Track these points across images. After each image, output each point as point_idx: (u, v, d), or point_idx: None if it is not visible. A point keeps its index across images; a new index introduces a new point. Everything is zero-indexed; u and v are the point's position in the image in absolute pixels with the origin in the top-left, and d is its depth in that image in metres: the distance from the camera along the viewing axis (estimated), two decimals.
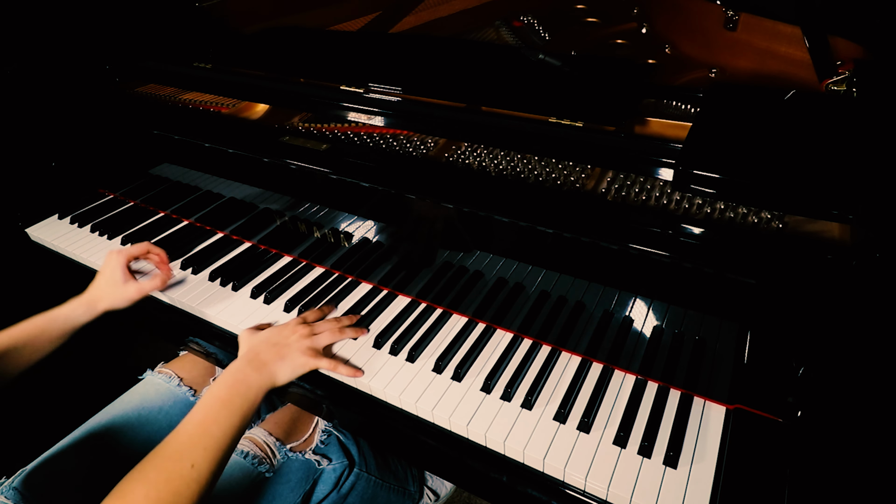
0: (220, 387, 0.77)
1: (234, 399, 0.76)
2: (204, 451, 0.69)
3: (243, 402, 0.76)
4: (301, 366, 0.84)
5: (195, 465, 0.68)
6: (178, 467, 0.67)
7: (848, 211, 0.61)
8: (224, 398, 0.76)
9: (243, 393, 0.77)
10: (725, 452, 0.73)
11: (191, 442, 0.70)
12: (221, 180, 1.13)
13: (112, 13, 1.41)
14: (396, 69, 1.06)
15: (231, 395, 0.76)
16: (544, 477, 0.75)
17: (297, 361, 0.83)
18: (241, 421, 0.75)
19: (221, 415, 0.74)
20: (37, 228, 1.29)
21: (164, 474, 0.66)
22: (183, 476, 0.66)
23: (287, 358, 0.83)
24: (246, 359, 0.82)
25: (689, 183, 0.68)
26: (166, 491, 0.65)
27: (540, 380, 0.84)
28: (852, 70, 0.80)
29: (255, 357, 0.82)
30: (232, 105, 1.16)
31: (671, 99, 0.91)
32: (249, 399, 0.77)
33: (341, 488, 0.97)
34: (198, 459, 0.68)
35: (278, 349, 0.84)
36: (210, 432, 0.72)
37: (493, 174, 0.87)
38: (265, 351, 0.83)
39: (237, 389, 0.77)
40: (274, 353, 0.83)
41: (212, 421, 0.73)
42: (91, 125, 1.26)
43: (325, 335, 0.88)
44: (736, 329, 0.74)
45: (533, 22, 1.13)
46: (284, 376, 0.82)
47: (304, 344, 0.85)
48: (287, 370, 0.83)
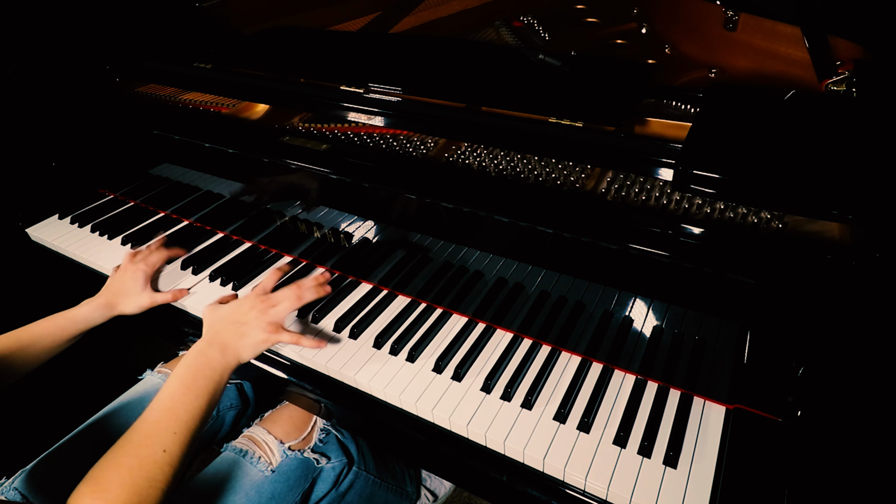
0: (185, 370, 0.78)
1: (199, 381, 0.76)
2: (174, 435, 0.70)
3: (208, 384, 0.77)
4: (263, 342, 0.84)
5: (167, 449, 0.69)
6: (150, 452, 0.68)
7: (847, 211, 0.61)
8: (189, 381, 0.76)
9: (208, 375, 0.78)
10: (725, 452, 0.74)
11: (160, 427, 0.71)
12: (222, 180, 1.14)
13: (112, 13, 1.41)
14: (396, 69, 1.06)
15: (195, 377, 0.77)
16: (544, 477, 0.75)
17: (258, 338, 0.83)
18: (208, 402, 0.76)
19: (188, 398, 0.74)
20: (37, 228, 1.29)
21: (137, 460, 0.67)
22: (156, 461, 0.68)
23: (248, 336, 0.83)
24: (207, 340, 0.82)
25: (689, 183, 0.68)
26: (140, 476, 0.66)
27: (540, 380, 0.84)
28: (852, 70, 0.80)
29: (216, 337, 0.82)
30: (232, 105, 1.16)
31: (671, 99, 0.91)
32: (214, 380, 0.78)
33: (340, 486, 0.97)
34: (168, 444, 0.69)
35: (238, 327, 0.83)
36: (178, 416, 0.72)
37: (493, 174, 0.87)
38: (225, 330, 0.83)
39: (202, 372, 0.78)
40: (234, 331, 0.83)
41: (179, 404, 0.73)
42: (91, 125, 1.26)
43: (284, 304, 0.86)
44: (736, 329, 0.74)
45: (533, 22, 1.13)
46: (247, 354, 0.83)
47: (263, 319, 0.84)
48: (249, 349, 0.83)
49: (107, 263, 1.17)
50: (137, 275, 1.03)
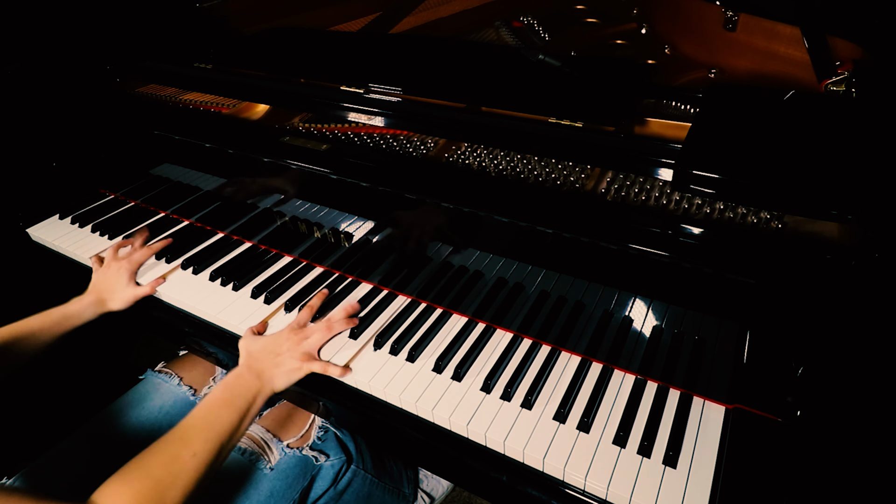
0: (223, 388, 0.82)
1: (235, 400, 0.80)
2: (205, 443, 0.73)
3: (243, 403, 0.80)
4: (295, 371, 0.87)
5: (196, 453, 0.72)
6: (180, 452, 0.71)
7: (847, 211, 0.61)
8: (226, 398, 0.80)
9: (243, 395, 0.81)
10: (725, 452, 0.74)
11: (193, 433, 0.74)
12: (222, 180, 1.14)
13: (113, 13, 1.42)
14: (396, 70, 1.06)
15: (232, 395, 0.81)
16: (544, 476, 0.76)
17: (291, 367, 0.87)
18: (240, 420, 0.79)
19: (223, 412, 0.78)
20: (38, 228, 1.29)
21: (167, 457, 0.70)
22: (182, 461, 0.70)
23: (282, 366, 0.87)
24: (245, 365, 0.87)
25: (689, 183, 0.68)
26: (166, 472, 0.69)
27: (540, 379, 0.84)
28: (851, 70, 0.80)
29: (254, 363, 0.87)
30: (232, 105, 1.16)
31: (671, 99, 0.91)
32: (249, 401, 0.81)
33: (338, 485, 0.98)
34: (198, 449, 0.72)
35: (273, 357, 0.88)
36: (212, 426, 0.76)
37: (493, 174, 0.87)
38: (262, 359, 0.87)
39: (238, 391, 0.82)
40: (270, 361, 0.87)
41: (214, 417, 0.77)
42: (92, 125, 1.26)
43: (316, 336, 0.91)
44: (735, 329, 0.74)
45: (533, 22, 1.13)
46: (281, 383, 0.86)
47: (296, 351, 0.88)
48: (283, 377, 0.86)
49: None
50: (122, 273, 1.07)
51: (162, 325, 1.12)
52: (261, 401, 0.83)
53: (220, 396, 0.80)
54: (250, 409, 0.81)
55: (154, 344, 1.87)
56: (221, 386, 0.82)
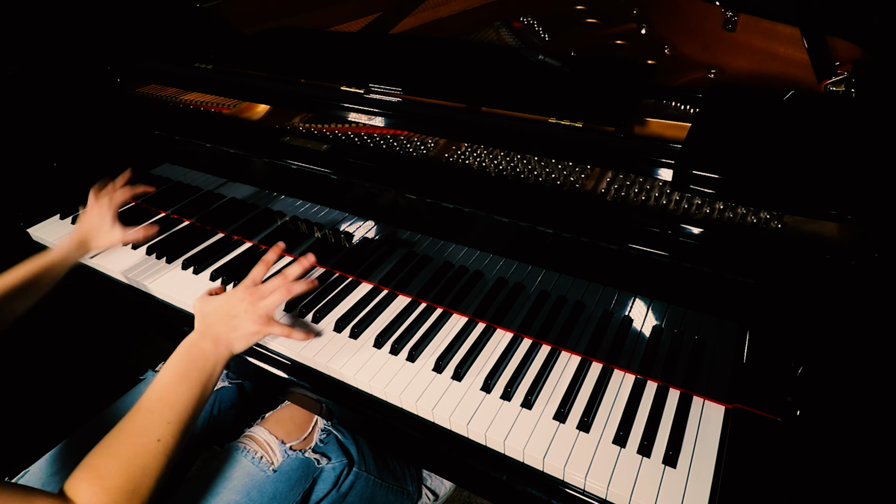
0: (178, 361, 0.79)
1: (192, 372, 0.77)
2: (168, 425, 0.71)
3: (201, 375, 0.78)
4: (254, 333, 0.85)
5: (161, 438, 0.70)
6: (145, 441, 0.69)
7: (846, 211, 0.61)
8: (182, 372, 0.77)
9: (201, 366, 0.79)
10: (724, 451, 0.74)
11: (154, 416, 0.72)
12: (222, 180, 1.14)
13: (113, 14, 1.42)
14: (397, 70, 1.06)
15: (188, 368, 0.78)
16: (544, 476, 0.76)
17: (249, 329, 0.84)
18: (201, 392, 0.77)
19: (182, 388, 0.75)
20: (38, 228, 1.29)
21: (133, 448, 0.68)
22: (150, 450, 0.69)
23: (239, 328, 0.84)
24: (199, 332, 0.83)
25: (689, 183, 0.68)
26: (135, 465, 0.67)
27: (540, 379, 0.84)
28: (851, 71, 0.80)
29: (209, 329, 0.83)
30: (233, 106, 1.16)
31: (670, 99, 0.91)
32: (207, 371, 0.79)
33: (340, 487, 0.98)
34: (163, 433, 0.71)
35: (229, 319, 0.84)
36: (172, 406, 0.73)
37: (493, 174, 0.87)
38: (218, 322, 0.84)
39: (195, 363, 0.79)
40: (226, 323, 0.84)
41: (173, 395, 0.74)
42: (92, 126, 1.27)
43: (274, 296, 0.87)
44: (735, 329, 0.74)
45: (533, 23, 1.13)
46: (240, 345, 0.84)
47: (254, 312, 0.85)
48: (241, 339, 0.84)
49: (108, 263, 1.17)
50: (104, 211, 1.08)
51: (162, 325, 1.13)
52: (220, 368, 0.80)
53: (176, 370, 0.77)
54: (210, 378, 0.78)
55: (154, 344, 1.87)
56: (176, 358, 0.79)
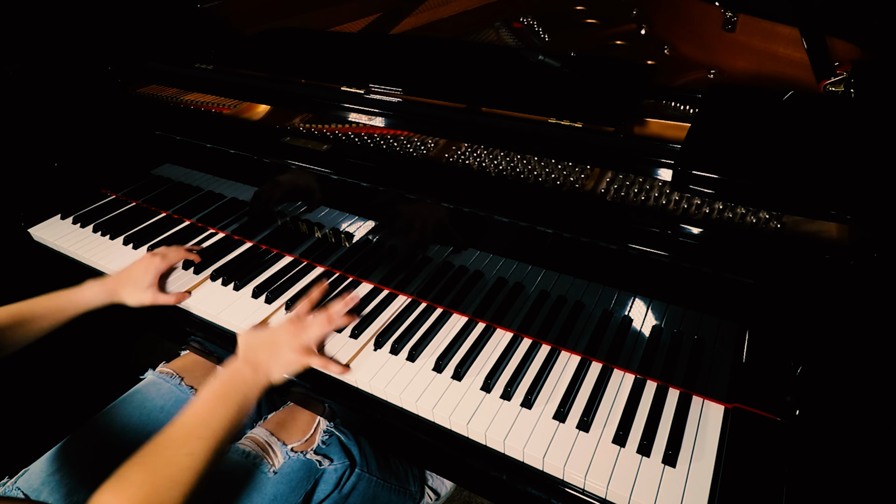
0: (218, 383, 0.80)
1: (231, 394, 0.79)
2: (200, 441, 0.71)
3: (239, 398, 0.79)
4: (293, 363, 0.87)
5: (191, 453, 0.70)
6: (175, 454, 0.69)
7: (846, 211, 0.61)
8: (221, 393, 0.78)
9: (240, 389, 0.80)
10: (724, 451, 0.74)
11: (188, 431, 0.72)
12: (223, 181, 1.14)
13: (114, 14, 1.42)
14: (397, 70, 1.07)
15: (228, 390, 0.79)
16: (544, 475, 0.76)
17: (289, 359, 0.86)
18: (237, 415, 0.77)
19: (218, 408, 0.76)
20: (39, 228, 1.29)
21: (162, 460, 0.68)
22: (179, 463, 0.68)
23: (280, 357, 0.86)
24: (242, 358, 0.85)
25: (688, 183, 0.68)
26: (162, 476, 0.67)
27: (539, 379, 0.85)
28: (850, 71, 0.80)
29: (251, 356, 0.85)
30: (233, 106, 1.16)
31: (670, 100, 0.91)
32: (245, 394, 0.80)
33: (342, 488, 0.98)
34: (195, 448, 0.70)
35: (271, 348, 0.87)
36: (207, 423, 0.74)
37: (493, 175, 0.87)
38: (260, 351, 0.86)
39: (234, 386, 0.80)
40: (267, 352, 0.86)
41: (209, 413, 0.75)
42: (93, 126, 1.27)
43: (314, 329, 0.90)
44: (734, 328, 0.74)
45: (532, 23, 1.13)
46: (278, 374, 0.85)
47: (295, 343, 0.88)
48: (280, 368, 0.85)
49: (108, 263, 1.17)
50: (150, 269, 1.05)
51: (163, 325, 1.13)
52: (257, 393, 0.82)
53: (215, 391, 0.78)
54: (247, 402, 0.79)
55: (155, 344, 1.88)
56: (218, 380, 0.80)
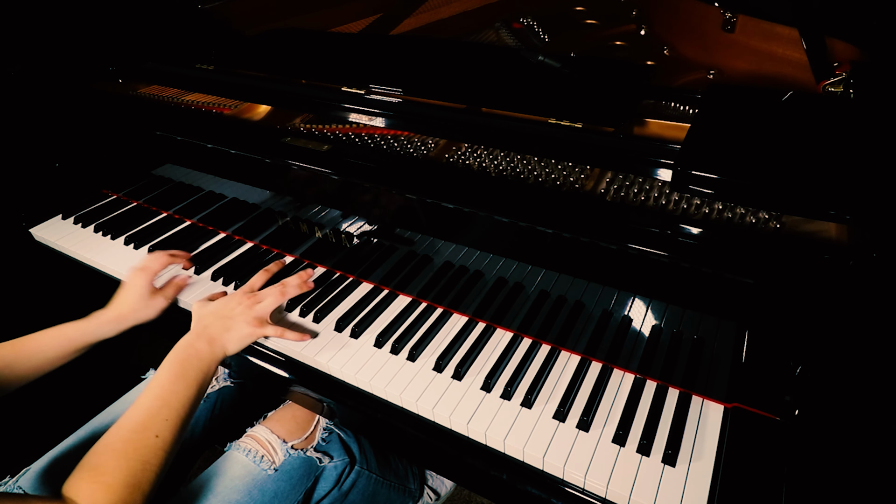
0: (174, 361, 0.81)
1: (188, 371, 0.80)
2: (165, 422, 0.73)
3: (197, 374, 0.80)
4: (248, 335, 0.87)
5: (159, 434, 0.72)
6: (143, 437, 0.71)
7: (845, 211, 0.61)
8: (178, 371, 0.79)
9: (196, 365, 0.81)
10: (724, 450, 0.74)
11: (152, 414, 0.74)
12: (224, 181, 1.14)
13: (115, 15, 1.42)
14: (397, 71, 1.07)
15: (185, 368, 0.80)
16: (544, 475, 0.76)
17: (243, 332, 0.87)
18: (196, 391, 0.79)
19: (178, 386, 0.78)
20: (40, 228, 1.29)
21: (131, 445, 0.70)
22: (149, 445, 0.70)
23: (234, 329, 0.87)
24: (195, 332, 0.86)
25: (688, 183, 0.68)
26: (135, 460, 0.68)
27: (539, 379, 0.85)
28: (849, 72, 0.80)
29: (204, 330, 0.86)
30: (234, 106, 1.16)
31: (670, 100, 0.91)
32: (202, 370, 0.81)
33: (342, 486, 0.98)
34: (161, 429, 0.72)
35: (224, 321, 0.87)
36: (169, 403, 0.75)
37: (493, 175, 0.88)
38: (213, 324, 0.87)
39: (190, 362, 0.81)
40: (221, 325, 0.87)
41: (169, 393, 0.77)
42: (94, 126, 1.27)
43: (269, 300, 0.91)
44: (734, 328, 0.74)
45: (532, 24, 1.13)
46: (233, 346, 0.86)
47: (249, 314, 0.88)
48: (235, 341, 0.86)
49: (110, 263, 1.17)
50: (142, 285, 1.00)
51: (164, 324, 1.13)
52: (214, 367, 0.83)
53: (173, 371, 0.79)
54: (205, 377, 0.81)
55: (156, 344, 1.88)
56: (172, 357, 0.81)
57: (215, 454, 0.98)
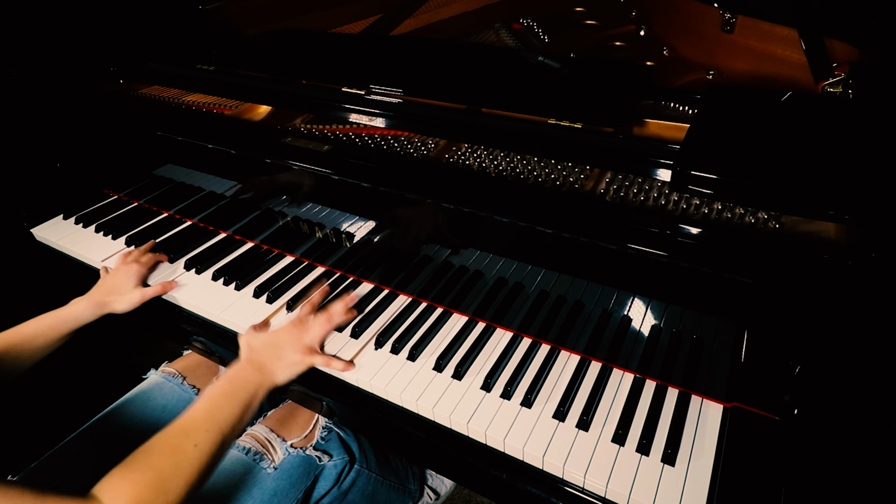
0: (224, 382, 0.82)
1: (237, 392, 0.80)
2: (206, 434, 0.73)
3: (245, 396, 0.80)
4: (297, 363, 0.87)
5: (198, 444, 0.72)
6: (182, 443, 0.71)
7: (844, 211, 0.61)
8: (227, 391, 0.80)
9: (244, 387, 0.81)
10: (723, 450, 0.74)
11: (195, 425, 0.74)
12: (224, 181, 1.15)
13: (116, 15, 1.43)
14: (397, 71, 1.07)
15: (234, 388, 0.81)
16: (544, 474, 0.76)
17: (292, 360, 0.87)
18: (242, 412, 0.79)
19: (225, 404, 0.78)
20: (42, 228, 1.30)
21: (167, 448, 0.70)
22: (185, 451, 0.70)
23: (283, 358, 0.87)
24: (246, 358, 0.87)
25: (687, 183, 0.68)
26: (168, 463, 0.68)
27: (539, 378, 0.85)
28: (848, 72, 0.80)
29: (255, 357, 0.86)
30: (235, 107, 1.17)
31: (669, 101, 0.92)
32: (250, 393, 0.81)
33: (342, 484, 0.98)
34: (201, 440, 0.72)
35: (275, 350, 0.88)
36: (213, 418, 0.76)
37: (493, 175, 0.88)
38: (263, 352, 0.87)
39: (239, 384, 0.82)
40: (271, 353, 0.87)
41: (215, 409, 0.77)
42: (96, 126, 1.27)
43: (316, 329, 0.91)
44: (733, 328, 0.74)
45: (532, 24, 1.13)
46: (283, 376, 0.86)
47: (298, 343, 0.89)
48: (285, 370, 0.86)
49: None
50: (130, 273, 1.05)
51: (165, 325, 1.13)
52: (262, 394, 0.83)
53: (222, 389, 0.80)
54: (252, 401, 0.81)
55: (157, 344, 1.88)
56: (223, 379, 0.82)
57: None
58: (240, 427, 0.79)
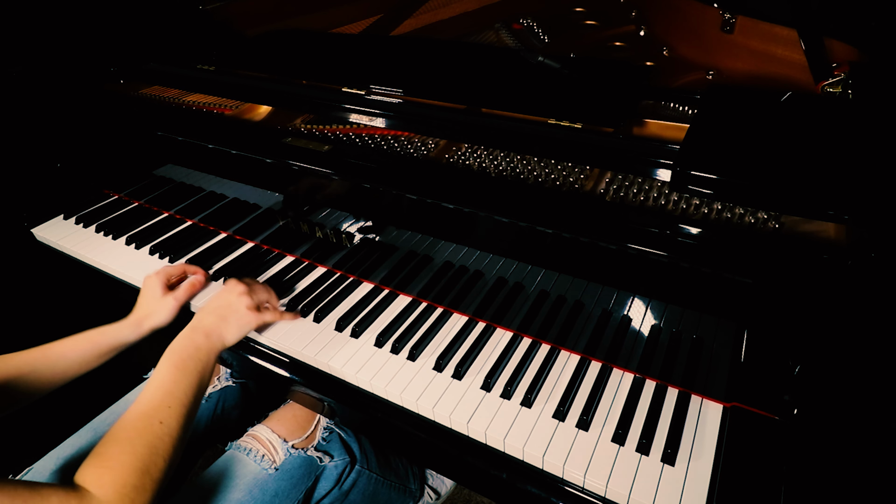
0: (172, 354, 0.82)
1: (188, 363, 0.81)
2: (169, 409, 0.74)
3: (196, 365, 0.81)
4: (246, 323, 0.89)
5: (163, 421, 0.73)
6: (148, 424, 0.72)
7: (843, 211, 0.61)
8: (178, 363, 0.81)
9: (195, 356, 0.82)
10: (723, 450, 0.74)
11: (154, 403, 0.75)
12: (225, 181, 1.15)
13: (116, 15, 1.43)
14: (397, 71, 1.07)
15: (184, 359, 0.81)
16: (543, 474, 0.76)
17: (241, 320, 0.89)
18: (198, 381, 0.80)
19: (178, 377, 0.79)
20: (42, 229, 1.30)
21: (136, 431, 0.71)
22: (154, 432, 0.71)
23: (230, 318, 0.88)
24: (191, 326, 0.87)
25: (687, 183, 0.69)
26: (140, 445, 0.69)
27: (539, 378, 0.85)
28: (848, 72, 0.81)
29: (199, 323, 0.87)
30: (235, 107, 1.17)
31: (669, 101, 0.92)
32: (202, 361, 0.83)
33: (343, 485, 0.98)
34: (165, 417, 0.73)
35: (220, 311, 0.89)
36: (171, 392, 0.77)
37: (493, 175, 0.88)
38: (207, 317, 0.88)
39: (189, 354, 0.82)
40: (216, 316, 0.88)
41: (171, 383, 0.78)
42: (96, 126, 1.28)
43: (261, 291, 0.94)
44: (733, 328, 0.74)
45: (532, 25, 1.13)
46: (232, 336, 0.88)
47: (244, 301, 0.90)
48: (233, 329, 0.88)
49: (111, 263, 1.18)
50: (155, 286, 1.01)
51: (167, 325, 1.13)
52: (213, 358, 0.84)
53: (173, 363, 0.80)
54: (204, 369, 0.82)
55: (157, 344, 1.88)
56: (170, 351, 0.82)
57: (217, 453, 0.99)
58: (199, 396, 0.80)
